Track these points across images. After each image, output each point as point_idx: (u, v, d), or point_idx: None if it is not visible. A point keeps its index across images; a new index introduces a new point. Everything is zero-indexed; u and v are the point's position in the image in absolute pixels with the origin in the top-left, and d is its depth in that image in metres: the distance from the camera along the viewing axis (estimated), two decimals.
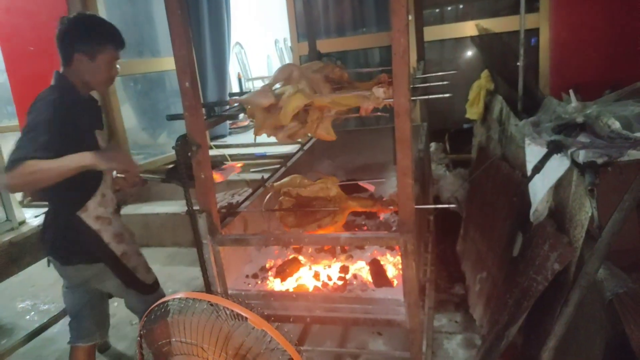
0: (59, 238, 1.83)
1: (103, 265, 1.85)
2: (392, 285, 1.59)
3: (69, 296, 1.98)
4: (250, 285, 1.72)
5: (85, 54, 1.76)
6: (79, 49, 1.76)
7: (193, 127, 1.47)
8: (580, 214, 1.62)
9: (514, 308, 1.90)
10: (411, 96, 1.26)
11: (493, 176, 2.57)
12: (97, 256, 1.83)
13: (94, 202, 1.80)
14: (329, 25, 4.16)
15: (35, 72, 4.65)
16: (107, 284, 1.91)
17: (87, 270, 1.85)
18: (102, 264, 1.84)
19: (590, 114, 1.89)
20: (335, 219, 1.62)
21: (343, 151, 2.88)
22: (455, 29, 3.67)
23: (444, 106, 3.73)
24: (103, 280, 1.89)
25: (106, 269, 1.85)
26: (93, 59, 1.77)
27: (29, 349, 2.74)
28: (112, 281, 1.89)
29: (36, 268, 2.57)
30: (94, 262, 1.84)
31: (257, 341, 1.09)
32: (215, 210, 1.54)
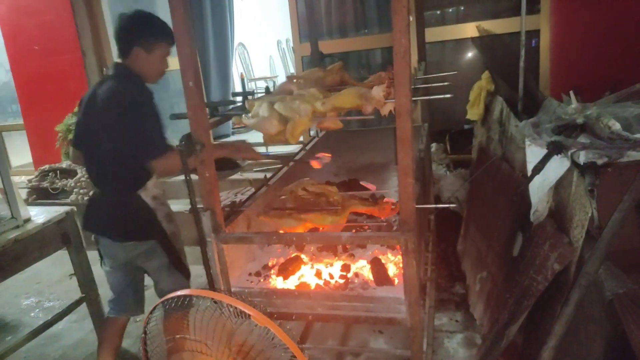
0: (117, 216, 1.97)
1: (154, 242, 1.98)
2: (393, 283, 1.61)
3: (112, 276, 2.13)
4: (253, 283, 1.74)
5: (143, 48, 1.93)
6: (138, 42, 1.92)
7: (197, 126, 1.49)
8: (580, 214, 1.64)
9: (514, 307, 1.91)
10: (412, 96, 1.28)
11: (493, 176, 2.59)
12: (150, 233, 1.97)
13: (152, 183, 1.98)
14: (331, 26, 4.17)
15: (39, 71, 4.69)
16: (153, 262, 2.02)
17: (137, 248, 1.98)
18: (153, 241, 1.98)
19: (590, 115, 1.91)
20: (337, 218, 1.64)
21: (345, 151, 2.90)
22: (456, 31, 3.68)
23: (444, 107, 3.74)
24: (150, 259, 2.01)
25: (156, 246, 1.98)
26: (150, 53, 1.94)
27: (33, 346, 2.77)
28: (158, 260, 2.01)
29: (41, 265, 2.59)
30: (146, 239, 1.97)
31: (260, 338, 1.11)
32: (219, 209, 1.56)
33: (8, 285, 3.56)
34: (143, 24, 1.95)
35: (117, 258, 2.06)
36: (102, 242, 2.05)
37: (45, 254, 2.44)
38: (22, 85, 4.90)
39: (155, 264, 2.03)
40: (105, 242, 2.03)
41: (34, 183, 4.25)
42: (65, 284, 3.62)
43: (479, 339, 2.37)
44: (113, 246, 2.01)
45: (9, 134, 5.69)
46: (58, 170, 4.23)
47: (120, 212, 1.96)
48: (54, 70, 4.60)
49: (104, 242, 2.04)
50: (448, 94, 1.48)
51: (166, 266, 2.02)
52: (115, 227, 1.98)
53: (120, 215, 1.96)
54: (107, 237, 2.01)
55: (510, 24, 3.35)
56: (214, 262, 1.57)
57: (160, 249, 1.99)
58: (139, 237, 1.97)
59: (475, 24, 3.46)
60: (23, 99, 4.97)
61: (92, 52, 4.47)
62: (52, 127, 4.35)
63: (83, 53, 4.48)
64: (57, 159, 4.41)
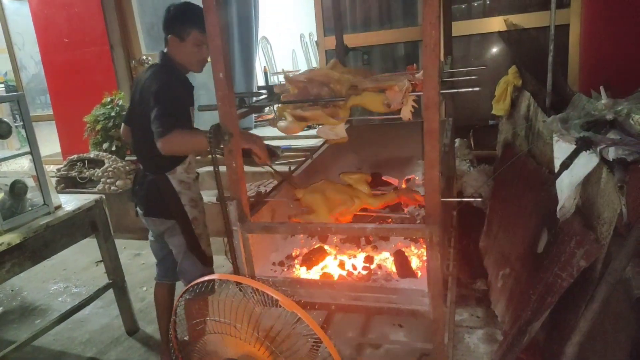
0: (147, 193, 2.12)
1: (174, 222, 2.11)
2: (416, 276, 1.61)
3: (154, 245, 2.35)
4: (276, 272, 1.76)
5: (176, 36, 2.01)
6: (172, 31, 2.01)
7: (226, 117, 1.51)
8: (608, 211, 1.62)
9: (537, 304, 1.90)
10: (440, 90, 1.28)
11: (519, 173, 2.56)
12: (171, 214, 2.09)
13: (182, 168, 2.09)
14: (355, 20, 4.16)
15: (68, 63, 4.80)
16: (175, 239, 2.15)
17: (163, 224, 2.14)
18: (173, 221, 2.10)
19: (620, 110, 1.87)
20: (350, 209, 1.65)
21: (368, 145, 2.90)
22: (482, 25, 3.64)
23: (469, 102, 3.70)
24: (172, 235, 2.15)
25: (176, 226, 2.11)
26: (182, 40, 2.01)
27: (62, 330, 2.85)
28: (178, 238, 2.13)
29: (68, 253, 2.67)
30: (169, 218, 2.11)
31: (287, 324, 1.14)
32: (245, 198, 1.58)
33: (36, 272, 3.68)
34: (178, 13, 2.01)
35: (151, 229, 2.27)
36: (140, 213, 2.24)
37: (74, 240, 2.51)
38: (52, 77, 5.02)
39: (176, 242, 2.16)
40: (141, 213, 2.22)
41: (62, 172, 4.36)
42: (91, 271, 3.72)
43: (499, 335, 2.36)
44: (145, 219, 2.21)
45: (38, 124, 5.84)
46: (86, 160, 4.33)
47: (149, 189, 2.11)
48: (82, 62, 4.71)
49: (140, 213, 2.22)
50: (476, 87, 1.47)
51: (183, 247, 2.14)
52: (145, 202, 2.15)
53: (150, 192, 2.11)
54: (141, 210, 2.21)
55: (538, 18, 3.29)
56: (239, 250, 1.60)
57: (179, 230, 2.11)
58: (162, 214, 2.11)
59: (502, 17, 3.41)
60: (53, 90, 5.10)
61: (119, 45, 4.56)
62: (80, 118, 4.46)
63: (111, 46, 4.57)
64: (85, 149, 4.52)
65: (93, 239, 2.66)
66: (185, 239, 2.12)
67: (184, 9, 2.02)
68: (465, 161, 3.49)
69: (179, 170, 2.09)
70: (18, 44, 5.96)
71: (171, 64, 2.06)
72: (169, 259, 2.31)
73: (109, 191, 4.03)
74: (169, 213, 2.10)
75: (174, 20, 2.01)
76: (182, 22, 2.00)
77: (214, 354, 1.25)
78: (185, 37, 2.00)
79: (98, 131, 4.36)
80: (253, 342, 1.14)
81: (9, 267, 2.15)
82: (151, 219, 2.17)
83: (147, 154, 2.09)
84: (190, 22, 1.99)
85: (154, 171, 2.10)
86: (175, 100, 1.93)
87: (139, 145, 2.15)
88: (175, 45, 2.03)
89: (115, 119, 4.30)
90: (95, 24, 4.52)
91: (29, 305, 3.32)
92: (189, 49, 2.02)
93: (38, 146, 2.29)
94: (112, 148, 4.34)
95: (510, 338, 2.02)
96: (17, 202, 2.27)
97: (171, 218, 2.10)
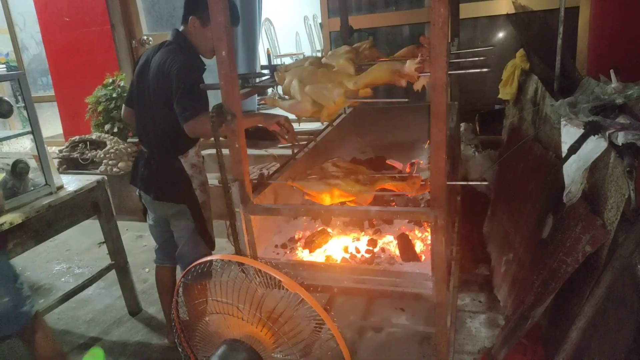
0: (157, 176, 2.09)
1: (184, 207, 2.08)
2: (419, 260, 1.60)
3: (155, 229, 2.33)
4: (279, 254, 1.75)
5: (198, 19, 1.97)
6: (195, 12, 1.97)
7: (228, 97, 1.48)
8: (616, 196, 1.59)
9: (541, 289, 1.89)
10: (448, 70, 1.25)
11: (525, 157, 2.53)
12: (183, 198, 2.07)
13: (193, 151, 2.07)
14: (360, 1, 4.09)
15: (70, 43, 4.75)
16: (181, 223, 2.14)
17: (172, 208, 2.11)
18: (184, 205, 2.08)
19: (631, 95, 1.84)
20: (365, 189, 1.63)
21: (372, 128, 2.87)
22: (489, 7, 3.57)
23: (474, 86, 3.66)
24: (180, 219, 2.13)
25: (186, 209, 2.09)
26: (204, 26, 1.98)
27: (65, 309, 2.87)
28: (186, 222, 2.12)
29: (71, 233, 2.67)
30: (178, 202, 2.09)
31: (289, 306, 1.13)
32: (247, 180, 1.56)
33: (39, 252, 3.70)
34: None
35: (156, 213, 2.24)
36: (144, 197, 2.20)
37: (76, 221, 2.50)
38: (53, 57, 4.97)
39: (182, 226, 2.14)
40: (146, 197, 2.19)
41: (64, 153, 4.35)
42: (93, 252, 3.73)
43: (501, 320, 2.36)
44: (152, 203, 2.17)
45: (39, 105, 5.80)
46: (88, 141, 4.32)
47: (160, 173, 2.08)
48: (84, 42, 4.66)
49: (145, 197, 2.19)
50: (485, 68, 1.43)
51: (192, 231, 2.13)
52: (155, 186, 2.11)
53: (160, 176, 2.08)
54: (147, 194, 2.15)
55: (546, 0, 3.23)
56: (241, 232, 1.59)
57: (189, 214, 2.09)
58: (173, 198, 2.09)
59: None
60: (54, 71, 5.05)
61: (121, 25, 4.50)
62: (82, 99, 4.43)
63: (112, 26, 4.51)
64: (87, 130, 4.50)
65: (95, 220, 2.66)
66: (195, 224, 2.11)
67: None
68: (471, 146, 3.46)
69: (190, 153, 2.07)
70: (19, 24, 5.89)
71: (187, 45, 2.01)
72: (169, 243, 2.31)
73: (111, 173, 4.02)
74: (180, 197, 2.08)
75: (201, 3, 1.94)
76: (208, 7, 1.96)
77: (216, 334, 1.25)
78: (207, 23, 1.95)
79: (100, 112, 4.33)
80: (255, 323, 1.14)
81: (11, 247, 2.15)
82: (160, 202, 2.14)
83: (160, 136, 2.05)
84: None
85: (164, 154, 2.06)
86: (199, 81, 1.91)
87: (147, 127, 2.09)
88: (196, 27, 1.98)
89: (117, 100, 4.27)
90: (96, 3, 4.46)
91: (32, 284, 3.34)
92: (209, 35, 1.97)
93: (39, 125, 2.27)
94: (114, 129, 4.32)
95: (513, 323, 2.02)
96: (18, 182, 2.26)
97: (182, 202, 2.08)
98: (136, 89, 2.11)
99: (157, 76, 1.96)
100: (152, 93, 1.99)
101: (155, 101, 1.98)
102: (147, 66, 2.03)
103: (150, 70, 2.00)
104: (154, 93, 1.98)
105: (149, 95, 2.02)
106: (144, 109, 2.08)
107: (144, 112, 2.09)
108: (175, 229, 2.20)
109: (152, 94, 1.99)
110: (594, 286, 1.52)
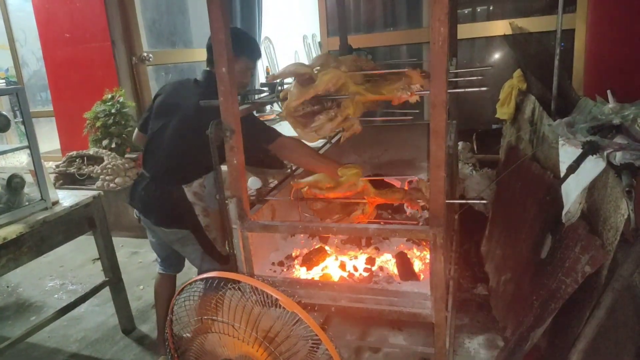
0: (160, 203, 2.11)
1: (189, 232, 2.10)
2: (418, 279, 1.59)
3: (157, 247, 2.35)
4: (276, 272, 1.74)
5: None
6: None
7: (227, 113, 1.49)
8: (615, 216, 1.59)
9: (540, 310, 1.87)
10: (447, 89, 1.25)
11: (523, 177, 2.53)
12: (186, 224, 2.10)
13: (198, 182, 2.11)
14: (359, 21, 4.15)
15: (70, 59, 4.78)
16: (188, 249, 2.16)
17: (176, 234, 2.13)
18: (188, 231, 2.10)
19: (627, 115, 1.85)
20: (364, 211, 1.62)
21: (370, 146, 2.88)
22: (487, 28, 3.62)
23: (472, 106, 3.68)
24: (185, 245, 2.15)
25: (191, 235, 2.11)
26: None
27: (57, 327, 2.82)
28: (193, 247, 2.14)
29: (64, 250, 2.64)
30: (183, 228, 2.10)
31: (286, 325, 1.11)
32: (245, 197, 1.56)
33: (32, 268, 3.65)
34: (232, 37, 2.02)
35: (159, 237, 2.25)
36: (144, 220, 2.21)
37: (71, 236, 2.47)
38: (53, 72, 4.99)
39: (190, 250, 2.16)
40: (146, 221, 2.19)
41: (61, 168, 4.33)
42: (87, 269, 3.69)
43: (500, 340, 2.33)
44: (155, 227, 2.17)
45: (38, 120, 5.80)
46: (85, 156, 4.30)
47: (163, 201, 2.09)
48: (84, 58, 4.68)
49: (145, 221, 2.20)
50: (483, 87, 1.44)
51: (200, 253, 2.15)
52: (158, 213, 2.13)
53: (163, 204, 2.10)
54: (147, 218, 2.16)
55: (543, 22, 3.28)
56: (238, 249, 1.57)
57: (193, 239, 2.11)
58: (177, 225, 2.10)
59: (507, 21, 3.39)
60: (53, 86, 5.06)
61: (121, 41, 4.53)
62: (80, 114, 4.43)
63: (113, 42, 4.54)
64: (84, 145, 4.48)
65: (90, 236, 2.63)
66: (201, 246, 2.13)
67: (237, 35, 2.04)
68: (468, 165, 3.46)
69: (195, 184, 2.10)
70: (20, 40, 5.93)
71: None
72: (171, 257, 2.35)
73: (108, 188, 3.99)
74: (182, 223, 2.10)
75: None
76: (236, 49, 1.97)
77: (211, 353, 1.22)
78: (237, 62, 1.96)
79: (98, 128, 4.33)
80: (252, 343, 1.11)
81: (4, 262, 2.12)
82: (161, 229, 2.15)
83: (168, 168, 2.08)
84: (244, 50, 2.05)
85: (168, 182, 2.09)
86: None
87: (156, 154, 2.13)
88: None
89: (115, 116, 4.27)
90: (97, 19, 4.49)
91: (24, 301, 3.28)
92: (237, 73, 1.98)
93: (37, 140, 2.26)
94: (112, 145, 4.31)
95: (512, 344, 1.99)
96: (13, 196, 2.24)
97: (185, 228, 2.10)
98: (154, 118, 2.17)
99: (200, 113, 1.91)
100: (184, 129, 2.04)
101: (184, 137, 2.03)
102: (177, 99, 2.11)
103: (181, 107, 2.07)
104: (186, 130, 2.03)
105: (176, 130, 2.06)
106: (159, 137, 2.12)
107: (158, 141, 2.12)
108: (184, 253, 2.23)
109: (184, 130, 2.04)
110: (594, 307, 1.50)
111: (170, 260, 2.38)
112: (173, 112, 2.09)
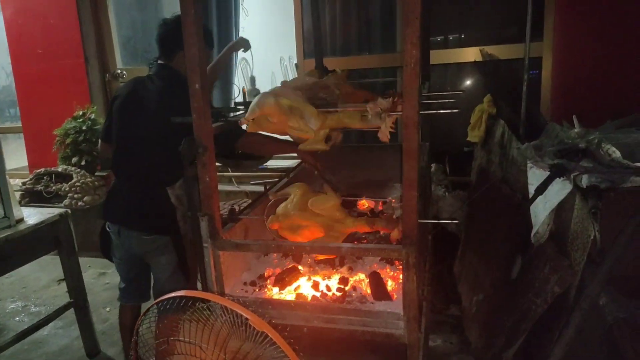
0: (142, 207, 2.04)
1: (168, 239, 2.04)
2: (391, 299, 1.58)
3: (122, 267, 2.22)
4: (247, 292, 1.70)
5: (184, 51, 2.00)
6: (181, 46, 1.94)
7: (200, 130, 1.47)
8: (582, 237, 1.63)
9: (512, 330, 1.88)
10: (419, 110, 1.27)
11: (493, 198, 2.58)
12: (169, 229, 2.03)
13: (179, 184, 2.03)
14: (335, 44, 4.21)
15: (41, 75, 4.69)
16: (164, 258, 2.07)
17: (155, 242, 2.04)
18: (168, 238, 2.04)
19: (592, 140, 1.92)
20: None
21: (345, 166, 2.88)
22: (458, 54, 3.72)
23: (445, 129, 3.75)
24: (162, 254, 2.07)
25: (169, 243, 2.04)
26: None
27: (17, 351, 2.69)
28: (168, 257, 2.06)
29: (28, 269, 2.54)
30: (164, 234, 2.03)
31: (256, 345, 1.08)
32: (217, 214, 1.53)
33: None
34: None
35: (130, 249, 2.11)
36: (122, 232, 2.09)
37: (34, 256, 2.39)
38: (22, 88, 4.88)
39: (164, 261, 2.08)
40: (124, 232, 2.08)
41: (28, 186, 4.20)
42: (52, 290, 3.55)
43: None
44: (130, 237, 2.07)
45: (5, 136, 5.66)
46: (53, 174, 4.18)
47: (146, 204, 2.04)
48: (55, 74, 4.60)
49: (123, 232, 2.08)
50: (455, 109, 1.47)
51: (173, 265, 2.08)
52: (139, 217, 2.05)
53: (146, 207, 2.04)
54: (127, 227, 2.06)
55: (512, 50, 3.39)
56: (209, 268, 1.54)
57: (172, 247, 2.04)
58: (159, 230, 2.03)
59: (478, 48, 3.50)
60: (23, 102, 4.95)
61: (95, 58, 4.48)
62: (50, 131, 4.32)
63: (86, 59, 4.49)
64: (53, 162, 4.37)
65: (56, 256, 2.54)
66: (177, 257, 2.06)
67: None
68: (441, 186, 3.51)
69: (177, 185, 2.04)
70: None
71: (178, 76, 2.04)
72: (137, 280, 2.23)
73: (76, 206, 3.88)
74: (165, 228, 2.03)
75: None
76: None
77: None
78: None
79: (68, 145, 4.22)
80: None
81: None
82: (140, 236, 2.04)
83: (147, 170, 2.03)
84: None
85: (151, 186, 2.03)
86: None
87: (131, 160, 2.06)
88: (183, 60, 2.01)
89: (86, 133, 4.19)
90: (71, 36, 4.44)
91: None
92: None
93: (3, 156, 2.19)
94: (82, 162, 4.21)
95: None
96: None
97: (166, 234, 2.04)
98: (118, 124, 2.10)
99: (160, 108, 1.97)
100: (152, 127, 1.99)
101: (154, 134, 1.98)
102: (135, 99, 2.04)
103: (144, 105, 2.02)
104: (154, 127, 1.98)
105: (144, 128, 2.01)
106: (129, 140, 2.06)
107: (129, 143, 2.06)
108: (156, 265, 2.12)
109: (152, 127, 1.99)
110: (563, 327, 1.53)
111: (136, 284, 2.25)
112: (138, 111, 2.03)
